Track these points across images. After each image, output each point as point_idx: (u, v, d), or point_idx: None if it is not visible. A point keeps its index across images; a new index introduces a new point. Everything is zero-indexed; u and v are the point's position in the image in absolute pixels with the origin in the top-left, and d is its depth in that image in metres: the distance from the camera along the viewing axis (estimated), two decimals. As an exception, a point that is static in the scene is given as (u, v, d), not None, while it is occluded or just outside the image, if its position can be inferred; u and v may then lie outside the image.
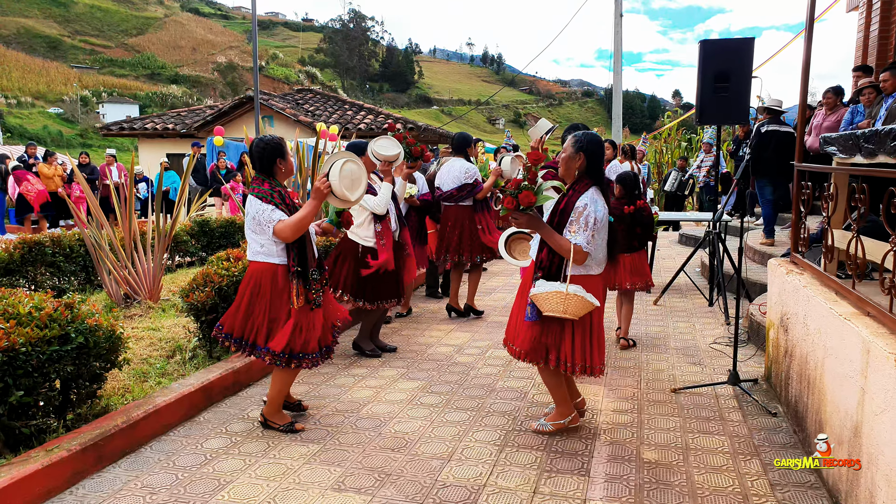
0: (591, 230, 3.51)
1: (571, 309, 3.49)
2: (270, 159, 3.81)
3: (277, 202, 3.73)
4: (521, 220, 3.60)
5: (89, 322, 3.55)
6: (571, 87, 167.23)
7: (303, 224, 3.71)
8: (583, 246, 3.50)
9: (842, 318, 3.23)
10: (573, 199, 3.60)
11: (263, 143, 3.83)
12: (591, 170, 3.65)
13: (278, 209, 3.72)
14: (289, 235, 3.69)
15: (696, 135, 21.47)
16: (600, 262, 3.69)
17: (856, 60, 11.40)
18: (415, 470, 3.50)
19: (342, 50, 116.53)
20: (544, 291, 3.52)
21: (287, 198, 3.83)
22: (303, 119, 18.79)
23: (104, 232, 6.31)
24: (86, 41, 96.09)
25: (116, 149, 21.30)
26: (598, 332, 3.73)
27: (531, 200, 3.57)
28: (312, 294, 3.82)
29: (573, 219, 3.55)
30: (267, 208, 3.70)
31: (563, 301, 3.47)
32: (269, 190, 3.76)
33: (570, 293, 3.46)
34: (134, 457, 3.65)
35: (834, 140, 4.19)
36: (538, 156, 3.70)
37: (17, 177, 13.28)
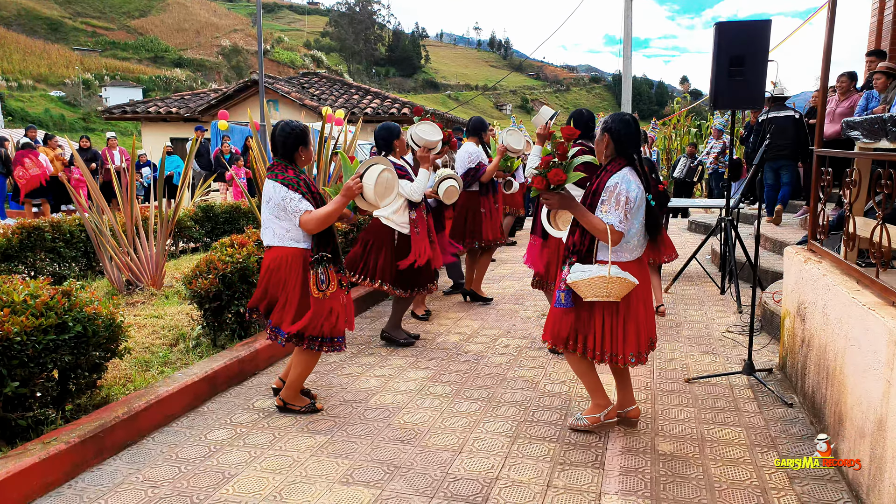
0: (623, 209, 3.35)
1: (615, 291, 3.36)
2: (293, 146, 3.81)
3: (304, 191, 3.73)
4: (552, 200, 3.46)
5: (88, 310, 3.45)
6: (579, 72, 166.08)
7: (329, 219, 3.74)
8: (615, 225, 3.35)
9: (866, 307, 3.11)
10: (604, 178, 3.47)
11: (289, 129, 3.80)
12: (622, 150, 3.50)
13: (305, 199, 3.71)
14: (313, 228, 3.72)
15: (705, 121, 21.25)
16: (633, 249, 3.51)
17: (869, 45, 11.20)
18: (425, 462, 3.41)
19: (348, 34, 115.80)
20: (586, 277, 3.37)
21: (312, 185, 3.83)
22: (308, 103, 18.63)
23: (105, 217, 6.21)
24: (88, 23, 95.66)
25: (119, 133, 21.20)
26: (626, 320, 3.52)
27: (561, 178, 3.42)
28: (344, 278, 3.87)
29: (604, 198, 3.40)
30: (295, 196, 3.70)
31: (605, 285, 3.34)
32: (294, 177, 3.75)
33: (613, 276, 3.33)
34: (135, 449, 3.56)
35: (858, 124, 4.06)
36: (571, 131, 3.55)
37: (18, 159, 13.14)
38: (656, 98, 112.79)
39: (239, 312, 4.82)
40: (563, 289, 3.51)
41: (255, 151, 7.10)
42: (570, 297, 3.50)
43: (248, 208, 9.30)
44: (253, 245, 5.08)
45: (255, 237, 5.27)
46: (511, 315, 6.40)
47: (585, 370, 3.70)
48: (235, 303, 4.75)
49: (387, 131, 5.01)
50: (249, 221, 9.15)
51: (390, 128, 5.05)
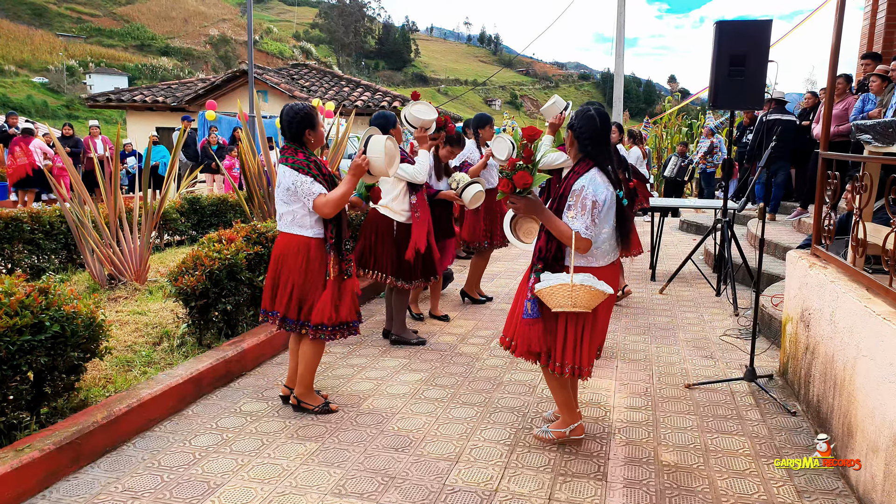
0: (589, 214, 3.14)
1: (581, 301, 3.14)
2: (299, 129, 3.73)
3: (315, 174, 3.66)
4: (518, 205, 3.24)
5: (66, 309, 3.27)
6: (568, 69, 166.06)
7: (343, 201, 3.67)
8: (581, 232, 3.13)
9: (881, 317, 3.00)
10: (571, 181, 3.26)
11: (293, 111, 3.73)
12: (585, 148, 3.29)
13: (317, 181, 3.64)
14: (329, 212, 3.65)
15: (696, 120, 21.20)
16: (605, 253, 3.32)
17: (861, 48, 11.17)
18: (421, 472, 3.26)
19: (338, 26, 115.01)
20: (549, 286, 3.17)
21: (322, 167, 3.77)
22: (298, 95, 18.38)
23: (87, 208, 5.99)
24: (72, 9, 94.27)
25: (103, 121, 20.87)
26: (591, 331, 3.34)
27: (527, 182, 3.18)
28: (346, 264, 3.79)
29: (570, 203, 3.19)
30: (307, 180, 3.63)
31: (569, 294, 3.12)
32: (304, 160, 3.68)
33: (577, 284, 3.11)
34: (115, 455, 3.38)
35: (869, 128, 3.95)
36: (533, 131, 3.29)
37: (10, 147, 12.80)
38: (644, 96, 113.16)
39: (226, 310, 4.64)
40: (530, 298, 3.30)
41: (245, 143, 6.90)
42: (536, 306, 3.29)
43: (236, 201, 9.09)
44: (241, 241, 4.91)
45: (243, 232, 5.09)
46: (505, 315, 6.25)
47: (559, 385, 3.49)
48: (223, 300, 4.58)
49: (383, 119, 4.90)
50: (237, 215, 8.95)
51: (387, 115, 4.94)
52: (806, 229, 8.29)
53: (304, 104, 3.80)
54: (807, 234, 7.90)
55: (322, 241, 3.74)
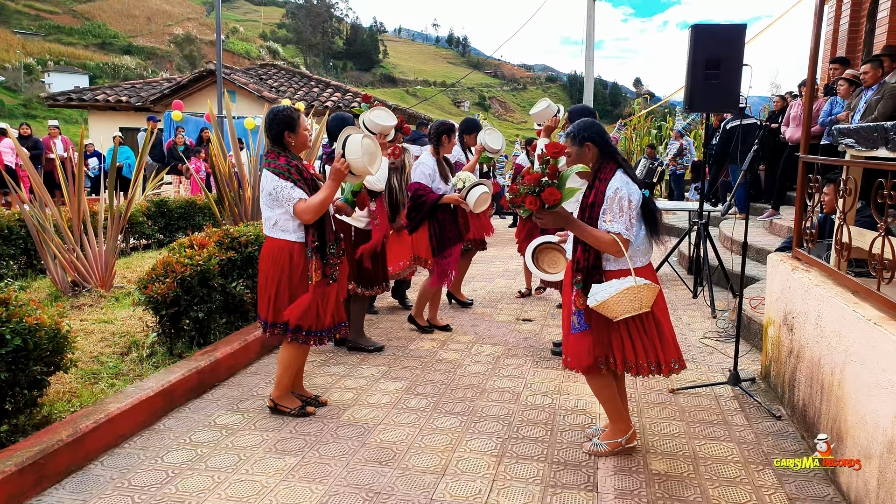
0: (627, 214, 3.14)
1: (646, 301, 3.13)
2: (279, 131, 3.67)
3: (296, 178, 3.61)
4: (546, 220, 3.17)
5: (28, 321, 3.08)
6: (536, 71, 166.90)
7: (324, 206, 3.63)
8: (622, 233, 3.13)
9: (870, 322, 2.97)
10: (601, 188, 3.23)
11: (272, 113, 3.70)
12: (607, 154, 3.31)
13: (297, 186, 3.57)
14: (309, 217, 3.60)
15: (665, 122, 21.38)
16: (645, 251, 3.32)
17: (825, 53, 11.36)
18: (406, 487, 3.14)
19: (305, 26, 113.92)
20: (612, 294, 3.09)
21: (304, 171, 3.70)
22: (267, 95, 18.08)
23: (48, 211, 5.74)
24: (31, 6, 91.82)
25: (63, 121, 20.32)
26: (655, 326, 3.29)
27: (557, 198, 3.07)
28: (329, 269, 3.73)
29: (606, 207, 3.17)
30: (286, 185, 3.57)
31: (637, 296, 3.09)
32: (285, 165, 3.63)
33: (641, 284, 3.08)
34: (81, 476, 3.19)
35: (853, 132, 3.93)
36: (558, 147, 3.14)
37: None
38: (611, 99, 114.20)
39: (198, 318, 4.47)
40: (576, 312, 3.26)
41: (215, 144, 6.71)
42: (582, 319, 3.25)
43: (205, 203, 8.86)
44: (214, 246, 4.73)
45: (215, 237, 4.91)
46: (485, 319, 6.17)
47: (610, 395, 3.45)
48: (195, 308, 4.41)
49: (340, 121, 4.74)
50: (206, 218, 8.72)
51: (343, 118, 4.78)
52: (778, 230, 8.35)
53: (286, 107, 3.76)
54: (780, 236, 7.96)
55: (303, 246, 3.69)
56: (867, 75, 7.18)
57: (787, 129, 9.21)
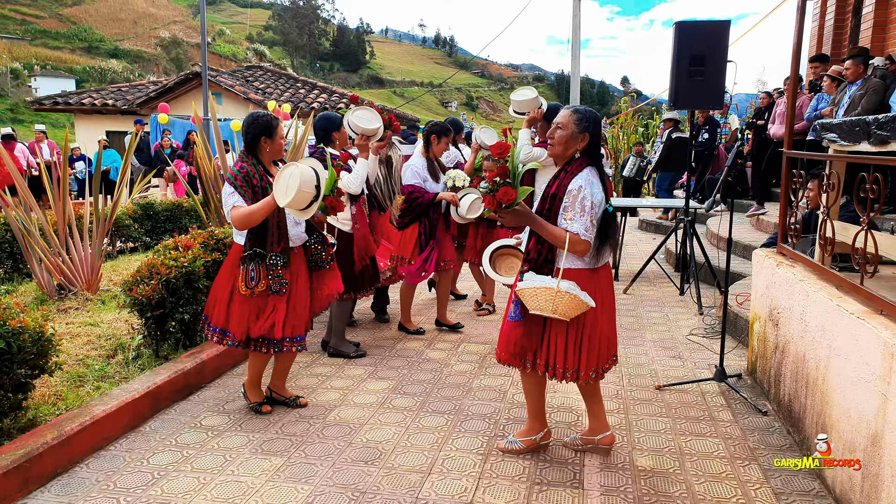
0: (588, 215, 3.05)
1: (562, 308, 3.02)
2: (255, 136, 3.68)
3: (240, 185, 3.58)
4: (506, 218, 3.15)
5: (12, 324, 3.06)
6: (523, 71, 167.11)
7: (252, 218, 3.52)
8: (581, 234, 3.03)
9: (854, 316, 2.99)
10: (565, 181, 3.13)
11: (250, 118, 3.71)
12: (591, 150, 3.20)
13: (237, 192, 3.56)
14: (237, 224, 3.56)
15: (652, 120, 21.45)
16: (602, 253, 3.24)
17: (810, 50, 11.44)
18: (392, 486, 3.13)
19: (291, 28, 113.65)
20: (532, 286, 3.06)
21: (256, 178, 3.64)
22: (253, 97, 18.04)
23: (34, 215, 5.71)
24: (16, 10, 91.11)
25: (50, 125, 20.20)
26: (590, 332, 3.21)
27: (512, 197, 3.07)
28: (270, 279, 3.62)
29: (567, 204, 3.08)
30: (227, 191, 3.60)
31: (552, 299, 3.01)
32: (236, 170, 3.63)
33: (562, 290, 2.99)
34: (67, 478, 3.17)
35: (835, 126, 3.96)
36: (504, 147, 3.16)
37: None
38: (598, 97, 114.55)
39: (184, 320, 4.45)
40: (514, 300, 3.20)
41: (200, 146, 6.68)
42: (518, 309, 3.17)
43: (191, 206, 8.82)
44: (199, 248, 4.71)
45: (200, 239, 4.89)
46: (471, 318, 6.18)
47: (535, 392, 3.41)
48: (180, 310, 4.39)
49: (326, 121, 4.69)
50: (193, 220, 8.68)
51: (330, 118, 4.72)
52: (765, 227, 8.41)
53: (266, 113, 3.73)
54: (766, 232, 8.01)
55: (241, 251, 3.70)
56: (849, 71, 7.24)
57: (773, 126, 9.27)
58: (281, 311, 3.70)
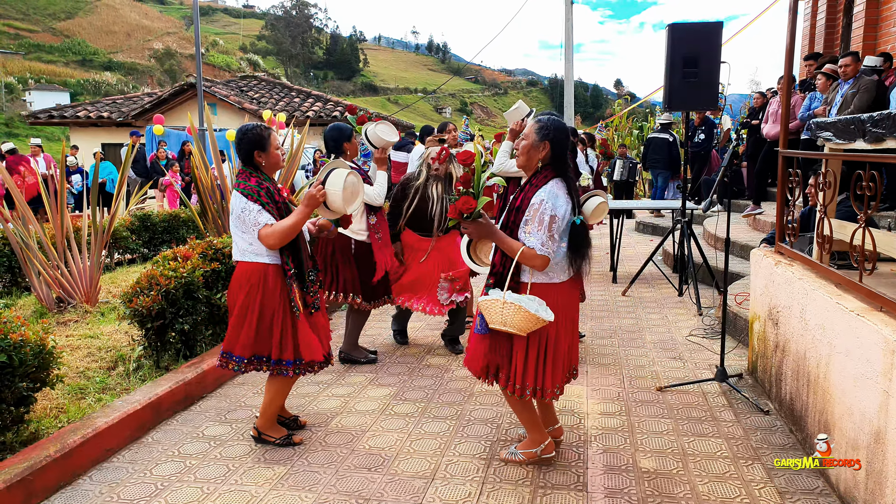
0: (547, 229, 2.99)
1: (511, 322, 2.98)
2: (248, 150, 3.45)
3: (265, 201, 3.36)
4: (469, 229, 3.12)
5: (13, 337, 3.06)
6: (516, 76, 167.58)
7: (291, 232, 3.36)
8: (537, 249, 2.98)
9: (853, 314, 3.00)
10: (529, 194, 3.10)
11: (242, 131, 3.49)
12: (555, 160, 3.14)
13: (265, 210, 3.35)
14: (274, 243, 3.34)
15: (646, 122, 21.52)
16: (564, 267, 3.15)
17: (803, 49, 11.49)
18: (396, 492, 3.13)
19: (285, 37, 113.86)
20: (485, 300, 3.05)
21: (276, 194, 3.46)
22: (248, 107, 18.06)
23: (32, 228, 5.70)
24: (10, 25, 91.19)
25: (45, 139, 20.20)
26: (554, 348, 3.16)
27: (471, 206, 3.05)
28: (311, 297, 3.52)
29: (528, 217, 3.04)
30: (254, 208, 3.35)
31: (500, 311, 2.98)
32: (255, 186, 3.39)
33: (508, 302, 2.96)
34: (70, 491, 3.16)
35: (830, 125, 3.98)
36: (469, 155, 3.10)
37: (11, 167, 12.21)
38: (591, 101, 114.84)
39: (184, 331, 4.44)
40: (480, 314, 3.17)
41: (196, 157, 6.68)
42: (483, 321, 3.15)
43: (188, 217, 8.82)
44: (198, 258, 4.71)
45: (199, 249, 4.89)
46: (470, 324, 6.17)
47: (520, 406, 3.32)
48: (180, 320, 4.38)
49: (337, 132, 4.62)
50: (190, 231, 8.68)
51: (341, 128, 4.66)
52: (762, 227, 8.42)
53: (256, 124, 3.54)
54: (764, 232, 8.02)
55: (279, 269, 3.44)
56: (848, 68, 7.23)
57: (766, 126, 9.31)
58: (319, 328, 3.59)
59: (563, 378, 3.27)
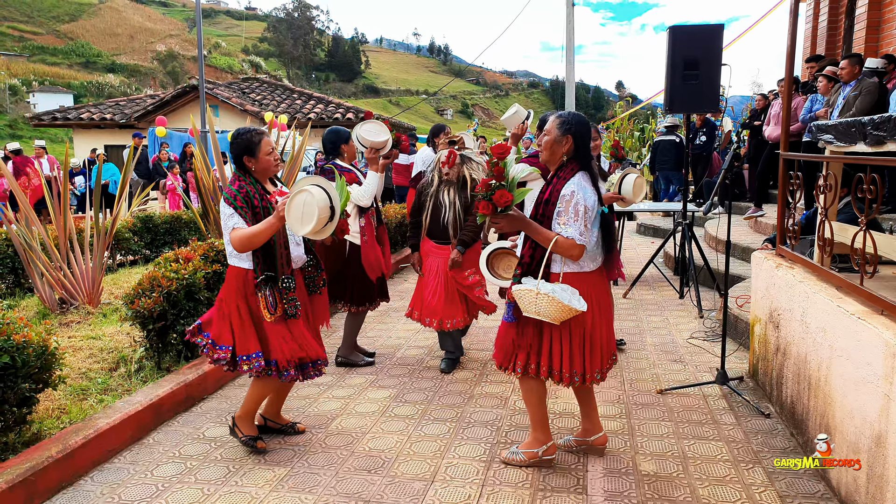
0: (582, 220, 3.08)
1: (545, 311, 3.04)
2: (237, 155, 3.46)
3: (239, 205, 3.35)
4: (501, 223, 3.14)
5: (16, 338, 3.07)
6: (518, 78, 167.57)
7: (255, 240, 3.29)
8: (576, 238, 3.06)
9: (854, 317, 3.00)
10: (558, 186, 3.17)
11: (234, 135, 3.50)
12: (579, 154, 3.23)
13: (237, 214, 3.34)
14: (238, 247, 3.32)
15: (647, 124, 21.52)
16: (594, 256, 3.26)
17: (804, 51, 11.49)
18: (396, 495, 3.14)
19: (287, 39, 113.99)
20: (519, 288, 3.12)
21: (257, 198, 3.41)
22: (250, 108, 18.09)
23: (35, 230, 5.72)
24: (14, 27, 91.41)
25: (49, 140, 20.22)
26: (591, 334, 3.23)
27: (508, 199, 3.07)
28: (284, 304, 3.42)
29: (560, 209, 3.12)
30: (227, 211, 3.38)
31: (534, 301, 3.04)
32: (235, 190, 3.39)
33: (542, 293, 3.01)
34: (72, 491, 3.18)
35: (830, 128, 3.98)
36: (503, 148, 3.11)
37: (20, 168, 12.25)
38: (593, 102, 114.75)
39: (185, 332, 4.45)
40: (508, 303, 3.26)
41: (198, 158, 6.70)
42: (511, 310, 3.25)
43: (190, 218, 8.84)
44: (199, 260, 4.72)
45: (200, 251, 4.90)
46: (473, 325, 6.17)
47: (535, 401, 3.37)
48: (181, 322, 4.39)
49: (334, 135, 4.75)
50: (192, 232, 8.70)
51: (338, 132, 4.76)
52: (763, 229, 8.43)
53: (248, 129, 3.53)
54: (765, 234, 8.02)
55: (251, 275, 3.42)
56: (844, 71, 7.26)
57: (768, 128, 9.31)
58: (299, 334, 3.52)
59: (604, 364, 3.33)
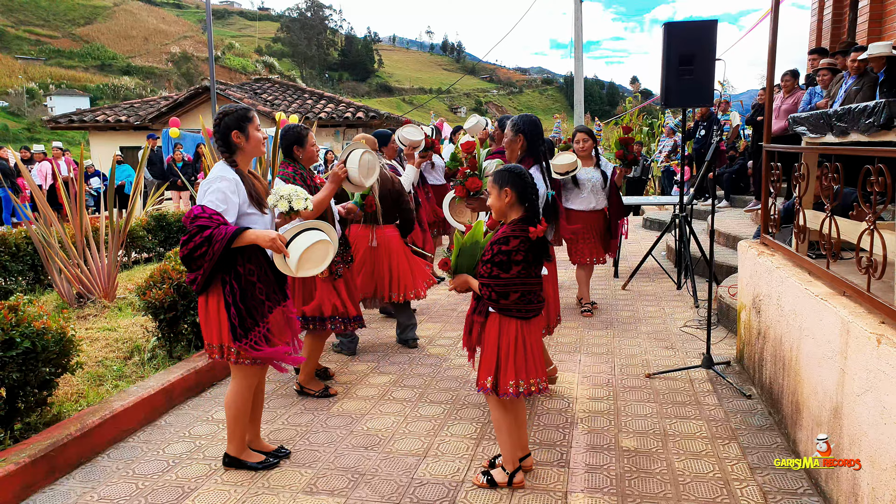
0: None
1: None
2: (288, 145, 4.15)
3: (299, 184, 3.96)
4: (474, 205, 4.00)
5: (36, 325, 3.32)
6: (531, 74, 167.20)
7: (322, 203, 3.93)
8: None
9: (818, 298, 3.18)
10: None
11: (285, 130, 4.19)
12: (532, 149, 3.84)
13: None
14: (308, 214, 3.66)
15: (657, 119, 21.58)
16: None
17: (810, 44, 11.55)
18: (390, 468, 3.37)
19: (300, 39, 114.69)
20: None
21: (309, 179, 4.14)
22: (261, 109, 18.38)
23: (53, 229, 6.01)
24: (31, 31, 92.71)
25: (66, 142, 20.61)
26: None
27: (478, 185, 3.96)
28: (333, 266, 4.22)
29: None
30: None
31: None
32: (291, 173, 4.09)
33: None
34: (90, 466, 3.44)
35: (804, 120, 4.16)
36: (470, 144, 4.16)
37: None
38: (608, 98, 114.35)
39: (195, 322, 4.70)
40: None
41: (209, 159, 6.96)
42: None
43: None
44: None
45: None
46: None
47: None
48: (191, 312, 4.64)
49: (379, 136, 5.85)
50: (204, 230, 8.95)
51: (381, 134, 5.90)
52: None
53: (297, 126, 4.20)
54: (761, 226, 8.15)
55: None
56: (854, 64, 7.23)
57: (772, 122, 9.39)
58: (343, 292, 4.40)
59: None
